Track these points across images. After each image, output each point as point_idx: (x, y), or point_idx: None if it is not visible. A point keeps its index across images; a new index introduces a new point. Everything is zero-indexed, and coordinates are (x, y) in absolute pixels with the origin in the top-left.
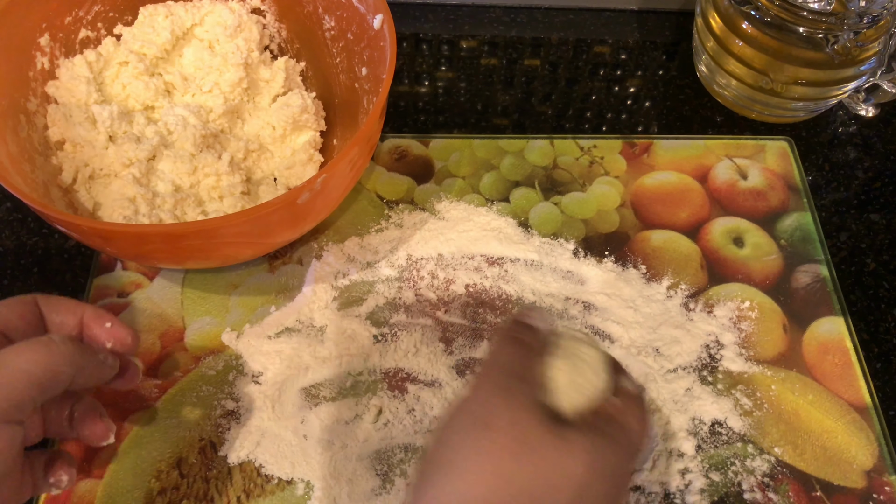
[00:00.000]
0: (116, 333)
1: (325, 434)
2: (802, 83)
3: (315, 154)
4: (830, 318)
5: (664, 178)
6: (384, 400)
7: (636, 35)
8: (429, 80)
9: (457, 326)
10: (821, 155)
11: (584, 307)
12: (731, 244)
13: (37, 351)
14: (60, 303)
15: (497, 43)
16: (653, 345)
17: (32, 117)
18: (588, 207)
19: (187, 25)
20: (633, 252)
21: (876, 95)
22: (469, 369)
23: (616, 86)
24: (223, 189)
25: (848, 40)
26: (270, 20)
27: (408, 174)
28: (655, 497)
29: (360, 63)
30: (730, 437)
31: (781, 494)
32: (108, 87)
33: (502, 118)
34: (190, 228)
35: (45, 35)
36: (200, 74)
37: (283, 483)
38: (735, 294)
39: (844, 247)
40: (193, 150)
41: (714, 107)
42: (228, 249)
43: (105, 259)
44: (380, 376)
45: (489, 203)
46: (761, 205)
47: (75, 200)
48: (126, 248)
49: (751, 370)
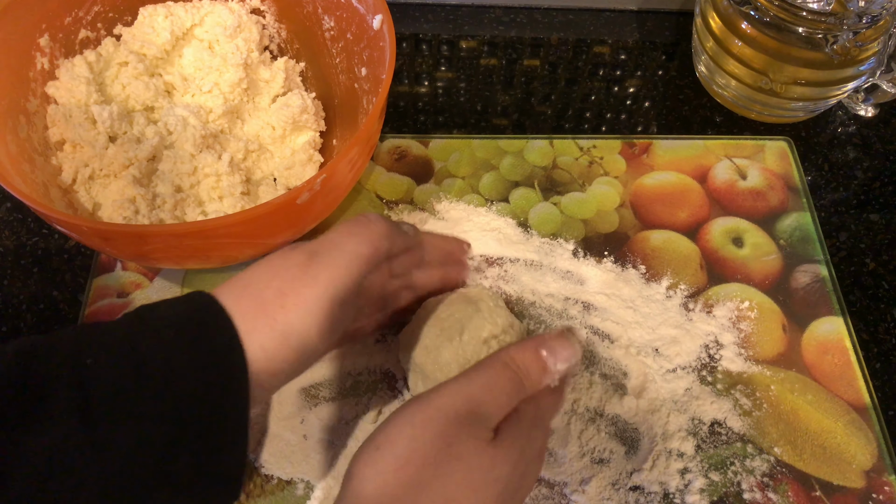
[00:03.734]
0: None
1: (325, 434)
2: (802, 83)
3: (315, 154)
4: (830, 318)
5: (664, 178)
6: (384, 400)
7: (636, 35)
8: (428, 80)
9: None
10: (820, 155)
11: (584, 307)
12: (730, 244)
13: (360, 233)
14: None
15: (497, 43)
16: (652, 345)
17: (32, 117)
18: (587, 208)
19: (187, 26)
20: (632, 252)
21: (875, 95)
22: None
23: (616, 86)
24: (223, 189)
25: (847, 40)
26: (270, 20)
27: (407, 174)
28: (655, 497)
29: (359, 63)
30: (729, 437)
31: (781, 494)
32: (108, 87)
33: (502, 118)
34: (190, 228)
35: (44, 35)
36: (200, 75)
37: (283, 483)
38: (734, 294)
39: (844, 247)
40: (193, 150)
41: (713, 107)
42: (228, 249)
43: (105, 259)
44: (380, 376)
45: (489, 203)
46: (761, 205)
47: (75, 201)
48: (126, 248)
49: (750, 370)
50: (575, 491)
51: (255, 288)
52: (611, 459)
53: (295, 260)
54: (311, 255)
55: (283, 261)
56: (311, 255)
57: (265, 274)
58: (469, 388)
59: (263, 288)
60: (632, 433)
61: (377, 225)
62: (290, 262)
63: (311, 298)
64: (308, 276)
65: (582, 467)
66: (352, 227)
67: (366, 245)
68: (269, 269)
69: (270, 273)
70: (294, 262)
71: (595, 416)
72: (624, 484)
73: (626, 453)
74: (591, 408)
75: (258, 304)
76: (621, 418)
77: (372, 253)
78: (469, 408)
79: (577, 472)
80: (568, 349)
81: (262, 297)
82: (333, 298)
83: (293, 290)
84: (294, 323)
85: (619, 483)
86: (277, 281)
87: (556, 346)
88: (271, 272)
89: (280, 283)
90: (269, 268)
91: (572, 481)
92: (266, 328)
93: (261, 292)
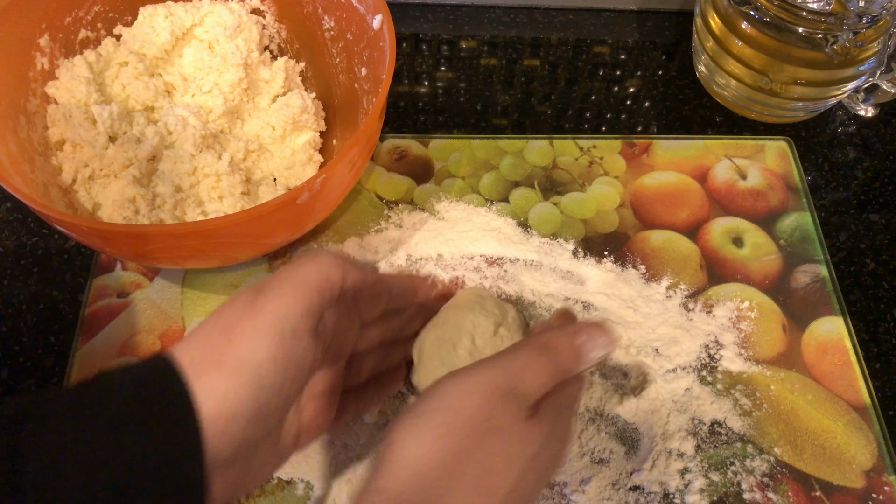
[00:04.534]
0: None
1: (325, 434)
2: (802, 83)
3: (315, 154)
4: (830, 318)
5: (663, 178)
6: (384, 400)
7: (636, 35)
8: (428, 80)
9: None
10: (820, 155)
11: (584, 307)
12: (730, 244)
13: (306, 264)
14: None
15: (497, 43)
16: (652, 345)
17: (32, 117)
18: (587, 207)
19: (187, 26)
20: (632, 252)
21: (875, 95)
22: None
23: (615, 86)
24: (223, 189)
25: (847, 40)
26: (270, 20)
27: (407, 174)
28: (655, 497)
29: (359, 63)
30: (729, 437)
31: (781, 494)
32: (108, 87)
33: (502, 118)
34: (190, 228)
35: (44, 35)
36: (200, 75)
37: (283, 483)
38: (734, 294)
39: (844, 247)
40: (193, 150)
41: (713, 107)
42: (228, 249)
43: (105, 259)
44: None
45: (489, 203)
46: (761, 205)
47: (75, 201)
48: (126, 248)
49: (750, 370)
50: (575, 491)
51: (202, 333)
52: (611, 459)
53: (241, 299)
54: (257, 292)
55: (229, 304)
56: (257, 292)
57: (212, 319)
58: (510, 365)
59: (210, 331)
60: (632, 433)
61: (325, 256)
62: (237, 301)
63: (257, 328)
64: (253, 310)
65: (582, 467)
66: (299, 260)
67: (313, 273)
68: (216, 314)
69: (216, 317)
70: (240, 301)
71: (595, 416)
72: (624, 484)
73: (626, 453)
74: (591, 408)
75: (205, 346)
76: (621, 418)
77: (321, 280)
78: (509, 384)
79: (577, 472)
80: (604, 337)
81: (209, 340)
82: (283, 327)
83: (238, 324)
84: (242, 355)
85: (619, 483)
86: (223, 321)
87: (594, 334)
88: (217, 316)
89: (225, 322)
90: (216, 314)
91: (572, 481)
92: (213, 367)
93: (207, 336)
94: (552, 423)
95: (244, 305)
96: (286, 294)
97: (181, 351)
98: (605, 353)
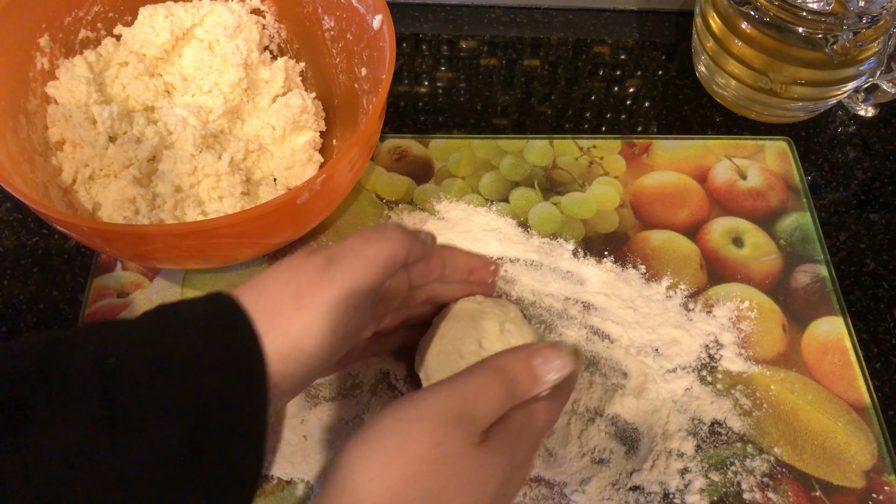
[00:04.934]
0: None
1: (325, 434)
2: (802, 83)
3: (315, 154)
4: (830, 318)
5: (663, 178)
6: (384, 400)
7: (636, 35)
8: (428, 80)
9: None
10: (820, 155)
11: (584, 307)
12: (730, 244)
13: (378, 240)
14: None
15: (497, 43)
16: (652, 345)
17: (32, 117)
18: (587, 208)
19: (187, 26)
20: (632, 252)
21: (875, 95)
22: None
23: (615, 86)
24: (223, 189)
25: (847, 40)
26: (270, 20)
27: (407, 174)
28: (655, 497)
29: (359, 63)
30: (729, 437)
31: (781, 494)
32: (108, 87)
33: (502, 118)
34: (190, 228)
35: (44, 35)
36: (200, 75)
37: (283, 483)
38: (734, 294)
39: (844, 247)
40: (193, 150)
41: (713, 107)
42: (228, 250)
43: (105, 259)
44: (380, 376)
45: (489, 203)
46: (761, 205)
47: (75, 201)
48: (126, 248)
49: (750, 370)
50: (575, 491)
51: (273, 290)
52: (611, 459)
53: (313, 263)
54: (329, 260)
55: (301, 263)
56: (329, 260)
57: (283, 276)
58: (459, 390)
59: (281, 290)
60: (632, 433)
61: (395, 232)
62: (308, 265)
63: (327, 301)
64: (325, 280)
65: (582, 467)
66: (370, 234)
67: (383, 251)
68: (287, 271)
69: (288, 275)
70: (312, 265)
71: (595, 416)
72: (624, 484)
73: (626, 453)
74: (591, 408)
75: (275, 306)
76: (621, 418)
77: (389, 259)
78: (459, 409)
79: (577, 472)
80: (560, 359)
81: (279, 300)
82: (349, 302)
83: (310, 292)
84: (310, 326)
85: (619, 483)
86: (294, 283)
87: (549, 356)
88: (289, 274)
89: (297, 286)
90: (287, 270)
91: (572, 481)
92: (281, 330)
93: (278, 294)
94: (510, 449)
95: (316, 272)
96: (356, 270)
97: (251, 301)
98: (562, 374)
